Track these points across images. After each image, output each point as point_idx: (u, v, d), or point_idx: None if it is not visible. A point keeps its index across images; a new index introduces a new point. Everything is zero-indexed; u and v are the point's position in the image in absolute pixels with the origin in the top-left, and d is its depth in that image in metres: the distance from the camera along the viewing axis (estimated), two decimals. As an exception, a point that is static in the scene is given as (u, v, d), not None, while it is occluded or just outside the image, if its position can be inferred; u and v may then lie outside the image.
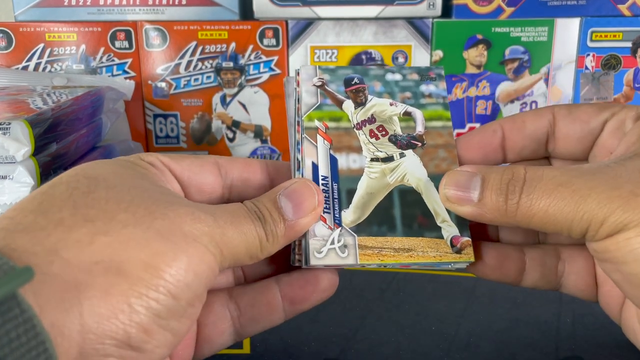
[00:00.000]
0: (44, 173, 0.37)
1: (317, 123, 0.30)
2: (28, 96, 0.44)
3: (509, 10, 0.57)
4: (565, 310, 0.35)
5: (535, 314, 0.35)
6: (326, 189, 0.29)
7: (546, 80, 0.59)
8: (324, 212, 0.28)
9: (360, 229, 0.28)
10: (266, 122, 0.60)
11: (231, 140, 0.60)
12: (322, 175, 0.29)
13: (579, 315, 0.35)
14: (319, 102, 0.31)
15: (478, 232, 0.30)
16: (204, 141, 0.60)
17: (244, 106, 0.59)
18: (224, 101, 0.59)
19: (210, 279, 0.23)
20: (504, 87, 0.59)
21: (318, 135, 0.30)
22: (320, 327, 0.34)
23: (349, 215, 0.29)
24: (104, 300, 0.19)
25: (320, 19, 0.57)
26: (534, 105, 0.59)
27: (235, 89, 0.59)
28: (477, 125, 0.60)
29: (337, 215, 0.28)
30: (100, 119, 0.49)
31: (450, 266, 0.28)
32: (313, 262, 0.27)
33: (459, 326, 0.34)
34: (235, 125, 0.60)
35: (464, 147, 0.30)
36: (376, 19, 0.58)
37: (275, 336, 0.33)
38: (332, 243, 0.28)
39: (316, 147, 0.29)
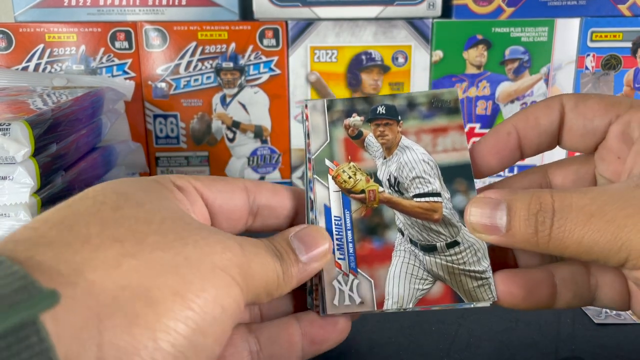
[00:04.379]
0: (44, 173, 0.37)
1: (327, 163, 0.29)
2: (28, 97, 0.44)
3: (509, 10, 0.57)
4: (565, 311, 0.35)
5: (535, 314, 0.35)
6: (339, 229, 0.28)
7: (546, 81, 0.59)
8: (339, 258, 0.27)
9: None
10: (266, 123, 0.60)
11: (231, 140, 0.60)
12: (335, 217, 0.28)
13: (579, 315, 0.35)
14: (328, 140, 0.29)
15: (497, 256, 0.29)
16: (204, 141, 0.60)
17: (243, 106, 0.59)
18: (224, 101, 0.59)
19: (236, 313, 0.22)
20: (504, 88, 0.59)
21: (329, 176, 0.29)
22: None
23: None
24: (127, 332, 0.18)
25: (320, 19, 0.57)
26: (534, 106, 0.59)
27: (235, 89, 0.59)
28: (477, 125, 0.60)
29: (352, 261, 0.28)
30: (100, 119, 0.49)
31: (472, 305, 0.27)
32: (330, 311, 0.27)
33: (459, 326, 0.34)
34: (235, 125, 0.60)
35: (479, 155, 0.29)
36: (376, 19, 0.57)
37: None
38: (350, 290, 0.27)
39: (328, 188, 0.28)
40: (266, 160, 0.61)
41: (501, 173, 0.55)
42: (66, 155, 0.41)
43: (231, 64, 0.58)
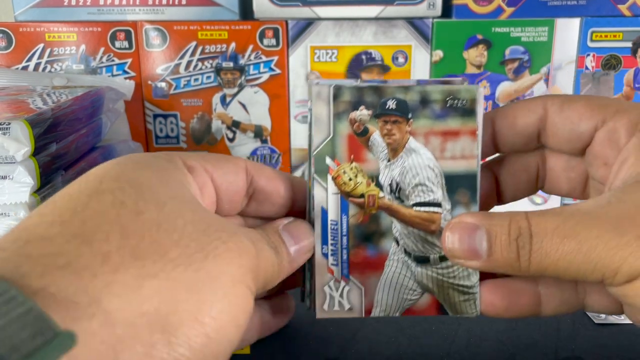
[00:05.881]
0: (44, 173, 0.37)
1: (328, 161, 0.27)
2: (28, 96, 0.44)
3: (509, 10, 0.57)
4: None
5: (535, 314, 0.35)
6: (335, 234, 0.27)
7: (546, 81, 0.59)
8: (332, 264, 0.27)
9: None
10: (266, 122, 0.60)
11: (231, 140, 0.60)
12: (331, 221, 0.27)
13: (579, 315, 0.35)
14: (331, 135, 0.27)
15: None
16: (204, 141, 0.60)
17: (244, 106, 0.59)
18: (224, 101, 0.59)
19: (245, 325, 0.22)
20: (504, 87, 0.59)
21: (329, 176, 0.27)
22: (321, 327, 0.34)
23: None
24: None
25: (320, 19, 0.57)
26: (534, 105, 0.59)
27: (235, 89, 0.59)
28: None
29: (345, 268, 0.27)
30: (100, 119, 0.49)
31: (457, 317, 0.28)
32: (319, 315, 0.27)
33: (459, 326, 0.34)
34: (235, 125, 0.60)
35: None
36: (376, 19, 0.57)
37: (275, 336, 0.32)
38: (340, 297, 0.27)
39: (326, 189, 0.27)
40: (266, 160, 0.61)
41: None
42: (66, 155, 0.41)
43: (231, 64, 0.58)
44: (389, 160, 0.28)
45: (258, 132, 0.60)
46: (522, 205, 0.58)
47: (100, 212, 0.19)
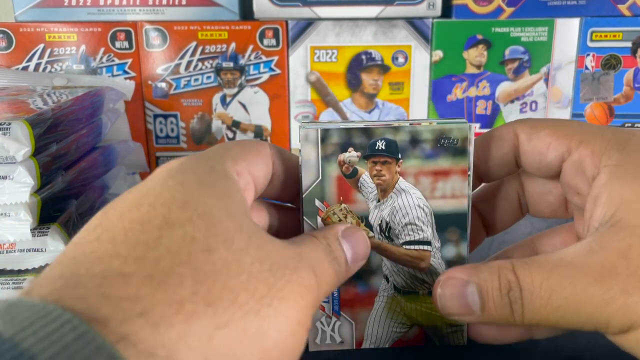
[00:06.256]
0: (44, 173, 0.37)
1: (317, 203, 0.27)
2: (28, 96, 0.44)
3: (509, 10, 0.57)
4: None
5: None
6: None
7: (546, 80, 0.59)
8: (323, 302, 0.29)
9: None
10: (266, 122, 0.60)
11: (231, 140, 0.60)
12: None
13: (579, 315, 0.35)
14: (320, 178, 0.27)
15: None
16: (204, 141, 0.60)
17: (244, 106, 0.59)
18: (224, 101, 0.59)
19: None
20: (504, 87, 0.59)
21: (319, 218, 0.28)
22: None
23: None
24: None
25: (320, 19, 0.57)
26: (534, 105, 0.59)
27: (235, 89, 0.59)
28: (477, 125, 0.60)
29: (336, 305, 0.29)
30: (100, 119, 0.49)
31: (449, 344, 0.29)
32: (312, 348, 0.29)
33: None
34: (235, 125, 0.60)
35: None
36: (376, 19, 0.58)
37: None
38: (332, 331, 0.29)
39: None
40: (266, 160, 0.61)
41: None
42: (66, 155, 0.41)
43: (231, 64, 0.58)
44: (378, 201, 0.28)
45: (258, 132, 0.60)
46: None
47: (172, 251, 0.19)
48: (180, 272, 0.18)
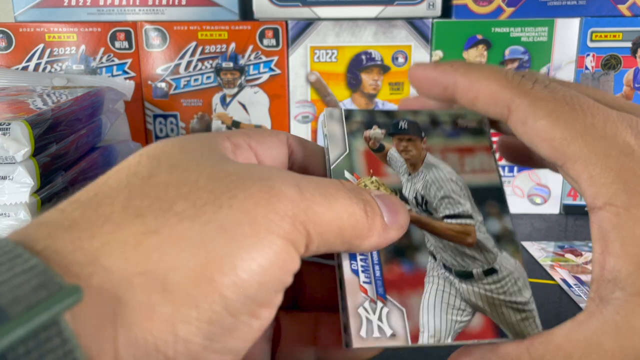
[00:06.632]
0: (44, 173, 0.37)
1: (347, 175, 0.26)
2: (28, 96, 0.44)
3: (509, 10, 0.57)
4: (565, 310, 0.35)
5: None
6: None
7: (546, 81, 0.59)
8: (364, 282, 0.24)
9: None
10: (266, 122, 0.60)
11: (231, 140, 0.60)
12: None
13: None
14: (347, 151, 0.26)
15: None
16: (204, 141, 0.60)
17: (243, 106, 0.59)
18: (223, 101, 0.59)
19: (284, 279, 0.19)
20: (504, 87, 0.59)
21: None
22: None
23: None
24: (143, 327, 0.16)
25: (320, 19, 0.57)
26: (534, 106, 0.59)
27: (235, 89, 0.59)
28: (477, 125, 0.60)
29: (379, 286, 0.24)
30: (100, 119, 0.49)
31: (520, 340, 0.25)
32: (357, 344, 0.23)
33: (459, 326, 0.34)
34: (235, 125, 0.60)
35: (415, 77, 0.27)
36: (376, 19, 0.57)
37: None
38: (379, 320, 0.23)
39: None
40: (266, 160, 0.61)
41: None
42: (66, 155, 0.41)
43: (231, 64, 0.58)
44: (409, 174, 0.26)
45: (258, 132, 0.60)
46: (522, 207, 0.58)
47: (111, 184, 0.19)
48: (115, 195, 0.18)
